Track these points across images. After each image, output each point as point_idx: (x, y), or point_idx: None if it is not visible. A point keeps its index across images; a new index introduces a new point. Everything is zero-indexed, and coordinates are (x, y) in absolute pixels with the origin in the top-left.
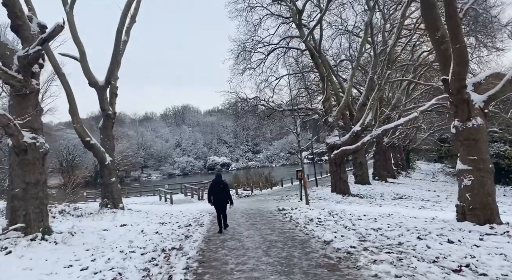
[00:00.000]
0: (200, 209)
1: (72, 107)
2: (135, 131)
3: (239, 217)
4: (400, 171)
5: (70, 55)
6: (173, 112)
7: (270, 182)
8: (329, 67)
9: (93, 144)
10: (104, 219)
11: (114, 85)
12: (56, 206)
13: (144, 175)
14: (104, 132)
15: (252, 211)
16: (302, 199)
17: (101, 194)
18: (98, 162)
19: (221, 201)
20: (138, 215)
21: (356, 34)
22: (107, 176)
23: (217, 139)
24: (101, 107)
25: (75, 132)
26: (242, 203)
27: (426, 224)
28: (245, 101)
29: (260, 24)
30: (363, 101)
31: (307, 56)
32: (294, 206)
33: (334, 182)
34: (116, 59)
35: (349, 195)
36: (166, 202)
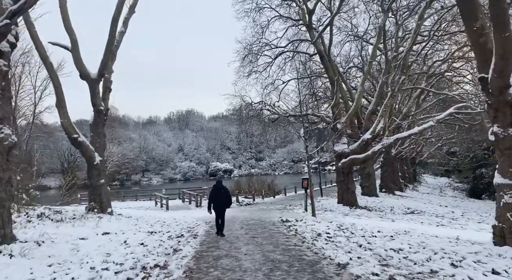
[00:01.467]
0: (197, 217)
1: (59, 100)
2: (138, 134)
3: (238, 228)
4: (407, 184)
5: (60, 44)
6: (177, 116)
7: (273, 190)
8: (339, 72)
9: (81, 142)
10: (86, 225)
11: (108, 79)
12: (35, 209)
13: (145, 179)
14: (95, 130)
15: (253, 222)
16: (307, 210)
17: (88, 197)
18: (86, 162)
19: (222, 206)
20: (126, 222)
21: (367, 40)
22: (95, 177)
23: (221, 145)
24: (93, 102)
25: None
26: (243, 211)
27: (454, 246)
28: (250, 106)
29: (268, 26)
30: (373, 109)
31: (315, 62)
32: (299, 218)
33: (341, 193)
34: (111, 50)
35: (357, 207)
36: (162, 208)
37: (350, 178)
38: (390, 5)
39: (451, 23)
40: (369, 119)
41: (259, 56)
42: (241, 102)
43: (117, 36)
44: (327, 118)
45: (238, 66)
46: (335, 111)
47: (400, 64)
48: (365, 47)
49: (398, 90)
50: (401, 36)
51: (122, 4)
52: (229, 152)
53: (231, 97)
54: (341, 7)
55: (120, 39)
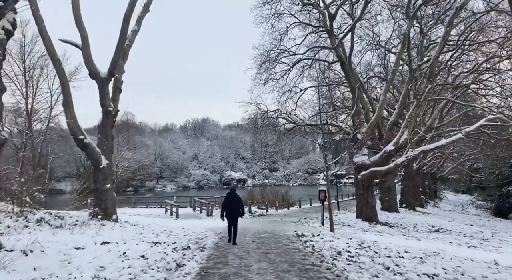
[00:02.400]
0: (207, 227)
1: (66, 99)
2: (154, 141)
3: (250, 241)
4: (428, 200)
5: (71, 42)
6: (192, 124)
7: (287, 202)
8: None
9: (87, 144)
10: (85, 233)
11: (118, 79)
12: (35, 213)
13: (159, 186)
14: (103, 132)
15: (265, 235)
16: (324, 224)
17: (93, 203)
18: (92, 165)
19: (234, 214)
20: (131, 230)
21: (389, 49)
22: (101, 181)
23: (235, 154)
24: (101, 102)
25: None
26: (255, 223)
27: (496, 273)
28: (265, 114)
29: (286, 32)
30: (395, 120)
31: (333, 70)
32: (315, 232)
33: (360, 207)
34: (122, 48)
35: (377, 223)
36: (171, 216)
37: (370, 191)
38: (416, 12)
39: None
40: (391, 130)
41: (277, 63)
42: (257, 110)
43: (130, 35)
44: (346, 128)
45: (255, 73)
46: (356, 120)
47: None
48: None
49: (424, 99)
50: (425, 45)
51: (135, 1)
52: (243, 162)
53: (247, 105)
54: (364, 12)
55: (133, 38)
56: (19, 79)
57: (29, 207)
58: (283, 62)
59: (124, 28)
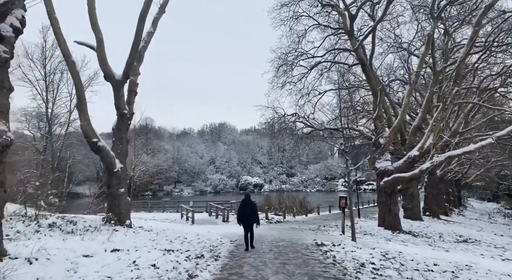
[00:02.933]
0: (222, 234)
1: (80, 101)
2: (172, 146)
3: (266, 251)
4: (452, 208)
5: (86, 44)
6: (210, 128)
7: (305, 208)
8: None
9: (100, 147)
10: (96, 239)
11: (133, 82)
12: (47, 218)
13: (177, 190)
14: (117, 134)
15: (283, 243)
16: (344, 233)
17: (106, 207)
18: (106, 169)
19: (249, 220)
20: (144, 236)
21: (411, 52)
22: (115, 186)
23: (252, 158)
24: (116, 105)
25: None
26: (272, 230)
27: None
28: (282, 117)
29: (305, 35)
30: (418, 124)
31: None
32: (335, 241)
33: (382, 215)
34: (137, 50)
35: (401, 232)
36: (187, 221)
37: (393, 198)
38: (440, 12)
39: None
40: (414, 135)
41: (294, 66)
42: (274, 113)
43: (145, 36)
44: (366, 132)
45: (272, 76)
46: (378, 124)
47: (453, 75)
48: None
49: (450, 102)
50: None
51: (150, 0)
52: (260, 166)
53: (263, 109)
54: (386, 13)
55: (149, 40)
56: (39, 84)
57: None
58: (301, 65)
59: (139, 28)
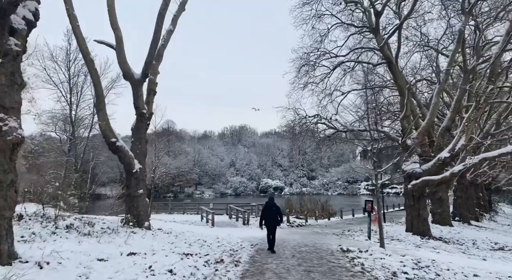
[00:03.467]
0: (243, 237)
1: (99, 100)
2: (193, 148)
3: (289, 256)
4: (483, 213)
5: (105, 42)
6: (230, 131)
7: (328, 212)
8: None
9: (119, 147)
10: (113, 241)
11: (152, 81)
12: (65, 219)
13: (198, 192)
14: (136, 135)
15: (306, 249)
16: (370, 238)
17: (125, 209)
18: (125, 169)
19: (273, 223)
20: (163, 239)
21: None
22: (133, 187)
23: (272, 161)
24: (135, 104)
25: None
26: (294, 234)
27: None
28: (304, 119)
29: (327, 34)
30: (447, 125)
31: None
32: (362, 247)
33: (410, 219)
34: (156, 48)
35: (430, 238)
36: (207, 223)
37: (422, 202)
38: (472, 7)
39: None
40: (443, 136)
41: (317, 66)
42: (295, 115)
43: (165, 35)
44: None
45: (293, 77)
46: (405, 124)
47: (487, 72)
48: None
49: (484, 101)
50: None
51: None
52: (280, 169)
53: (284, 110)
54: (413, 10)
55: (168, 38)
56: (64, 86)
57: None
58: (323, 65)
59: (158, 25)
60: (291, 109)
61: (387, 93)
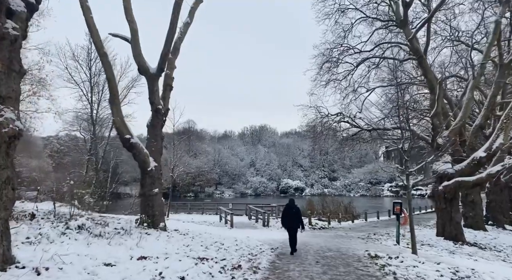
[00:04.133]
0: (263, 239)
1: (113, 95)
2: (213, 148)
3: (312, 262)
4: None
5: (120, 35)
6: (250, 131)
7: (351, 214)
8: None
9: (133, 144)
10: (124, 243)
11: (169, 75)
12: (77, 219)
13: (218, 192)
14: (152, 131)
15: (331, 254)
16: (399, 243)
17: (140, 208)
18: (139, 167)
19: (293, 225)
20: (178, 241)
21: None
22: (148, 186)
23: (292, 161)
24: (151, 100)
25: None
26: (317, 237)
27: None
28: (326, 117)
29: (351, 29)
30: (481, 123)
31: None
32: (391, 253)
33: (441, 223)
34: (172, 41)
35: (464, 243)
36: (226, 224)
37: (454, 205)
38: None
39: None
40: (475, 135)
41: (339, 63)
42: (317, 113)
43: (181, 27)
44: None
45: (315, 74)
46: (436, 122)
47: None
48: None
49: None
50: None
51: None
52: (301, 170)
53: (306, 108)
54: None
55: (185, 31)
56: (85, 85)
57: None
58: (346, 61)
59: (174, 16)
60: (313, 107)
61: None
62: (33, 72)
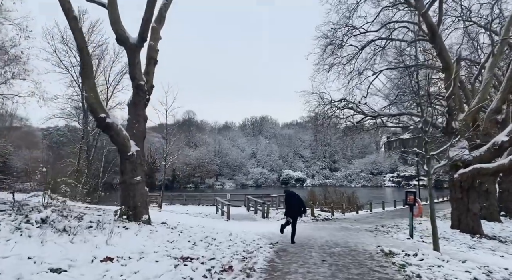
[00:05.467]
0: (261, 233)
1: (85, 67)
2: (214, 139)
3: (318, 261)
4: None
5: (96, 0)
6: (251, 122)
7: (356, 205)
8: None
9: (110, 124)
10: (91, 241)
11: (153, 47)
12: (41, 211)
13: (218, 183)
14: (133, 111)
15: (338, 250)
16: (412, 237)
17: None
18: (118, 152)
19: (294, 213)
20: (162, 236)
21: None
22: (129, 173)
23: (293, 152)
24: (131, 74)
25: (158, 134)
26: (321, 230)
27: None
28: (329, 104)
29: (356, 8)
30: (497, 107)
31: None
32: (407, 249)
33: (457, 215)
34: (154, 4)
35: (482, 236)
36: (222, 216)
37: (472, 195)
38: None
39: None
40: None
41: (343, 46)
42: (319, 100)
43: None
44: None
45: (318, 57)
46: (452, 104)
47: None
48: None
49: None
50: None
51: None
52: (302, 161)
53: (308, 95)
54: None
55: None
56: (76, 70)
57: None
58: (350, 44)
59: None
60: (315, 94)
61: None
62: (6, 48)
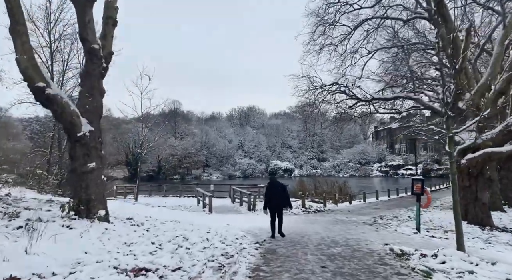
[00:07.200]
0: (246, 228)
1: (14, 21)
2: (200, 130)
3: (316, 268)
4: None
5: None
6: (238, 112)
7: (348, 195)
8: None
9: (51, 97)
10: (6, 248)
11: (111, 4)
12: None
13: (205, 174)
14: (86, 82)
15: (338, 250)
16: (419, 231)
17: (70, 190)
18: (65, 132)
19: (279, 204)
20: (119, 237)
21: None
22: (80, 158)
23: (281, 143)
24: (81, 35)
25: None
26: (313, 223)
27: None
28: (319, 88)
29: None
30: (501, 88)
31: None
32: (418, 246)
33: (464, 204)
34: None
35: (492, 228)
36: (204, 209)
37: (480, 183)
38: None
39: None
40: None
41: (335, 25)
42: (309, 84)
43: None
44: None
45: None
46: (458, 81)
47: None
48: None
49: None
50: None
51: None
52: (290, 151)
53: (297, 79)
54: None
55: None
56: (45, 51)
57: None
58: (342, 24)
59: None
60: (305, 77)
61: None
62: None
